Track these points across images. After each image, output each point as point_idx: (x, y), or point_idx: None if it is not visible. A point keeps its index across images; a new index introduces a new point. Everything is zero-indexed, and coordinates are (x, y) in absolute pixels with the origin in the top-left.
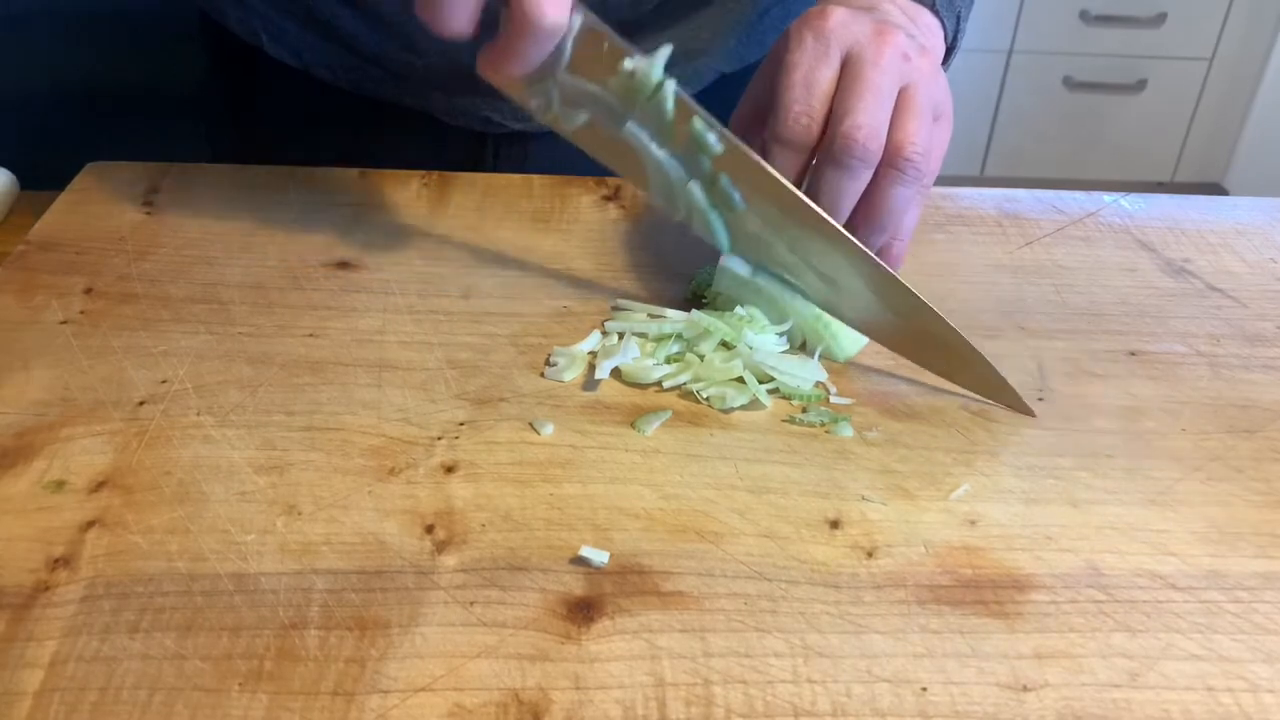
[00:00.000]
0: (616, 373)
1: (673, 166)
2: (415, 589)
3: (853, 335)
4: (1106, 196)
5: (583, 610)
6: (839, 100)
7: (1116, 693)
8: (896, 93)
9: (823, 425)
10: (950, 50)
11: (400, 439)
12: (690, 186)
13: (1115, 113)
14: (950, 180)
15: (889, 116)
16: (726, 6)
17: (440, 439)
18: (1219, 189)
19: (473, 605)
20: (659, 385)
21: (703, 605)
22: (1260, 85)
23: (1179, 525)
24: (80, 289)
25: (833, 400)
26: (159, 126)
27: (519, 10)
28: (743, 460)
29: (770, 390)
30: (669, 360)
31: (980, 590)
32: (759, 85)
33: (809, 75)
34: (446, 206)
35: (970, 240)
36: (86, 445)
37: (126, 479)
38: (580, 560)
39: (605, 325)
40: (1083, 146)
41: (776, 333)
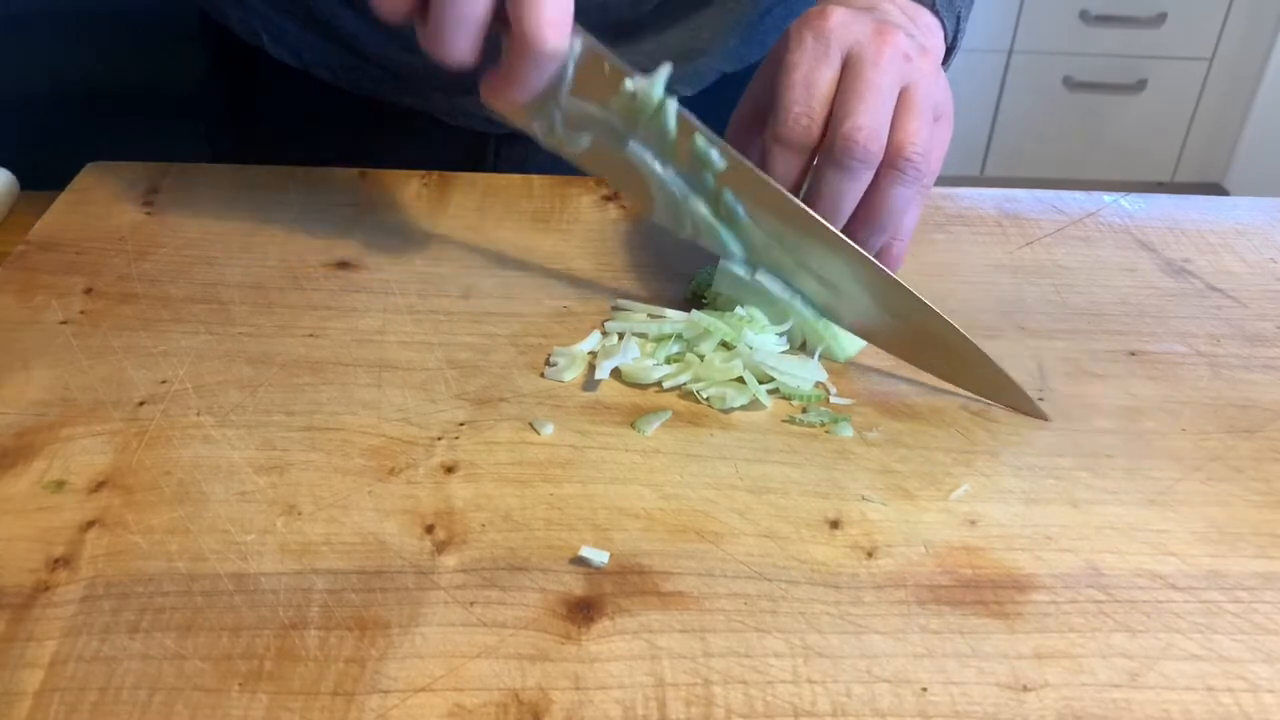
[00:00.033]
0: (616, 373)
1: (677, 184)
2: (415, 589)
3: (853, 335)
4: (1106, 196)
5: (583, 610)
6: (839, 101)
7: (1116, 693)
8: (897, 93)
9: (823, 425)
10: (950, 50)
11: (400, 439)
12: (695, 202)
13: (1115, 113)
14: (950, 180)
15: (889, 117)
16: (727, 6)
17: (440, 439)
18: (1219, 189)
19: (473, 605)
20: (659, 385)
21: (703, 605)
22: (1260, 85)
23: (1179, 525)
24: (80, 289)
25: (833, 400)
26: (159, 126)
27: (520, 36)
28: (743, 460)
29: (770, 390)
30: (669, 360)
31: (980, 590)
32: (759, 85)
33: (809, 75)
34: (446, 206)
35: (970, 240)
36: (86, 445)
37: (126, 479)
38: (580, 560)
39: (605, 325)
40: (1083, 146)
41: (776, 333)
